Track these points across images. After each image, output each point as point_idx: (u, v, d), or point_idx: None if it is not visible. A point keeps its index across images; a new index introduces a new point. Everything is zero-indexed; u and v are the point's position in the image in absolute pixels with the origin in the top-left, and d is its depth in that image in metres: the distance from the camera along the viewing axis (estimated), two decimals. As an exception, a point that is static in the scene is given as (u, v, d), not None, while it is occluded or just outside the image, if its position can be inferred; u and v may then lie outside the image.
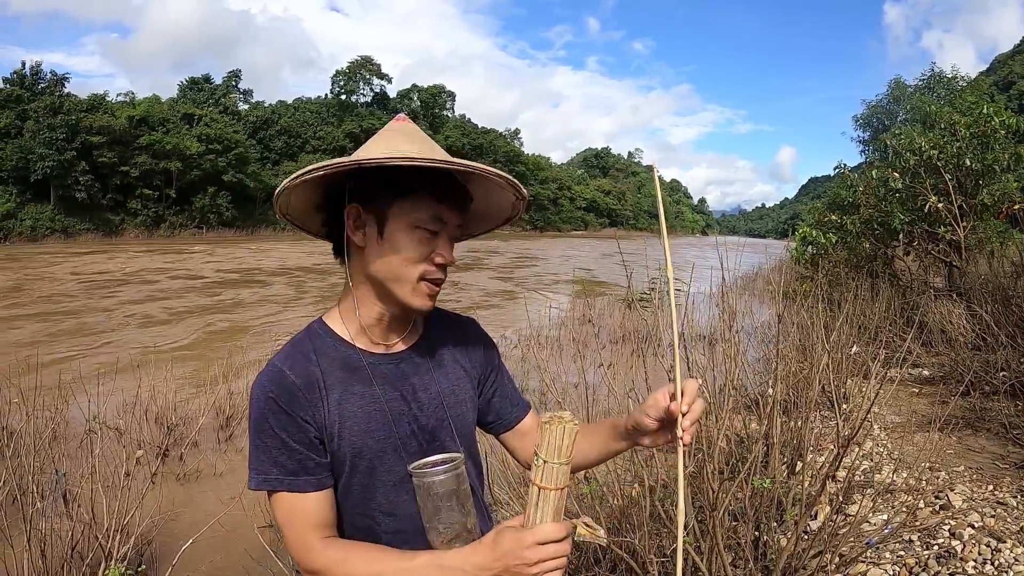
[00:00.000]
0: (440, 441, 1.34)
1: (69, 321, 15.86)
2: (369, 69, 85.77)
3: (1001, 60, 75.33)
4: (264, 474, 1.20)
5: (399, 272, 1.24)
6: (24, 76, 56.60)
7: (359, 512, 1.29)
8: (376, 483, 1.28)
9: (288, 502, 1.21)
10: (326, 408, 1.23)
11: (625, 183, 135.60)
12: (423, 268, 1.25)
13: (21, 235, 50.35)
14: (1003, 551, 3.42)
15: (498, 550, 1.09)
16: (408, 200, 1.22)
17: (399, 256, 1.23)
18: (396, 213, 1.23)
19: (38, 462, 4.18)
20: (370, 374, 1.29)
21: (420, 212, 1.22)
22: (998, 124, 9.79)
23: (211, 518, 4.53)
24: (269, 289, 24.12)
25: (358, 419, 1.25)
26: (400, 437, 1.29)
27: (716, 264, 4.65)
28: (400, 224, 1.23)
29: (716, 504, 2.68)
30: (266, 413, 1.20)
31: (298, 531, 1.21)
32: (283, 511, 1.22)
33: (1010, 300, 7.24)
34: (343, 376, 1.27)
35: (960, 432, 5.47)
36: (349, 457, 1.25)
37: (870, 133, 59.78)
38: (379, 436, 1.27)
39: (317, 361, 1.26)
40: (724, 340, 4.24)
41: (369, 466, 1.27)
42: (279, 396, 1.20)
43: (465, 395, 1.43)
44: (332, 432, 1.23)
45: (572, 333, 10.93)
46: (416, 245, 1.23)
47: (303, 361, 1.25)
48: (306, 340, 1.30)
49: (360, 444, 1.25)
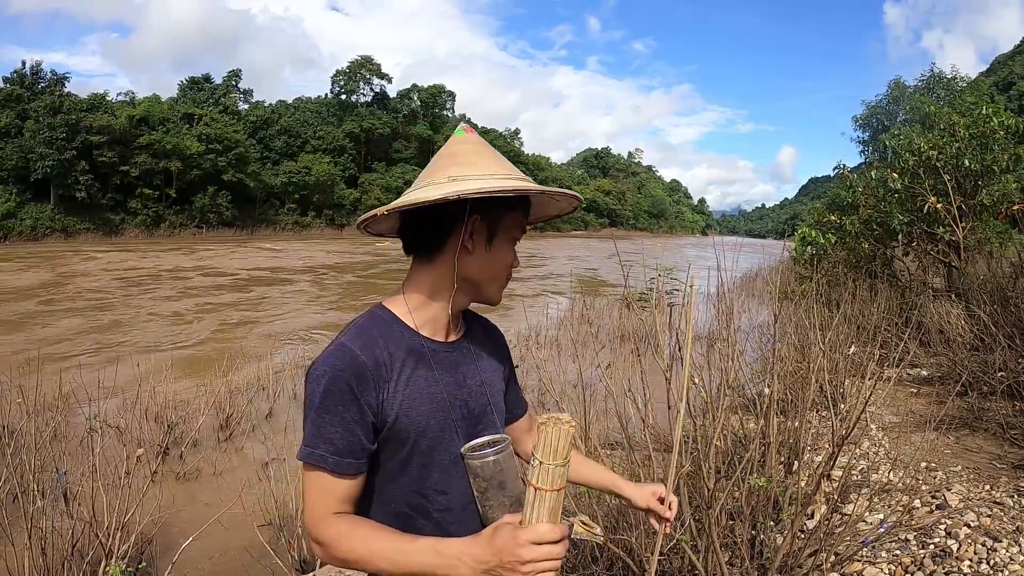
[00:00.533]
0: (484, 424, 1.44)
1: (106, 316, 16.18)
2: (369, 69, 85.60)
3: (1001, 61, 75.22)
4: (314, 448, 1.25)
5: (497, 274, 1.41)
6: (24, 75, 56.57)
7: (415, 490, 1.35)
8: (433, 462, 1.35)
9: (324, 478, 1.27)
10: (391, 390, 1.30)
11: (625, 183, 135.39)
12: (509, 271, 1.44)
13: (21, 234, 50.29)
14: (999, 550, 3.44)
15: (494, 545, 1.13)
16: (512, 215, 1.39)
17: (501, 262, 1.40)
18: (504, 226, 1.38)
19: (39, 461, 4.19)
20: (431, 361, 1.38)
21: (516, 226, 1.41)
22: (997, 125, 9.80)
23: (211, 517, 4.55)
24: (295, 286, 24.64)
25: (423, 400, 1.33)
26: (454, 420, 1.38)
27: (715, 264, 4.67)
28: (505, 235, 1.39)
29: (712, 502, 2.69)
30: (331, 390, 1.25)
31: (321, 505, 1.27)
32: (315, 484, 1.27)
33: (1008, 301, 7.24)
34: (409, 360, 1.35)
35: (958, 432, 5.49)
36: (413, 436, 1.32)
37: (870, 133, 59.71)
38: (439, 417, 1.35)
39: (384, 345, 1.33)
40: (722, 340, 4.26)
41: (429, 445, 1.34)
42: (348, 376, 1.26)
43: (499, 386, 1.56)
44: (395, 413, 1.30)
45: (571, 333, 10.96)
46: (511, 253, 1.42)
47: (371, 344, 1.31)
48: (372, 324, 1.36)
49: (424, 424, 1.33)
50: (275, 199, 70.44)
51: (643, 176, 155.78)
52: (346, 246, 51.04)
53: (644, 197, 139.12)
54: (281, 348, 11.66)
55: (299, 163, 71.56)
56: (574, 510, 3.11)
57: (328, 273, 30.56)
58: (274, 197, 70.20)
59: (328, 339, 1.51)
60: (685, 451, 3.15)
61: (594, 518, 2.52)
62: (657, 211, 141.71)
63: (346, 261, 37.57)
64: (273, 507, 4.89)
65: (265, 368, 9.06)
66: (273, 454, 6.10)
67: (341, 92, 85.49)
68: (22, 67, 56.96)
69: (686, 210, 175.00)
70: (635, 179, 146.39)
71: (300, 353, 10.58)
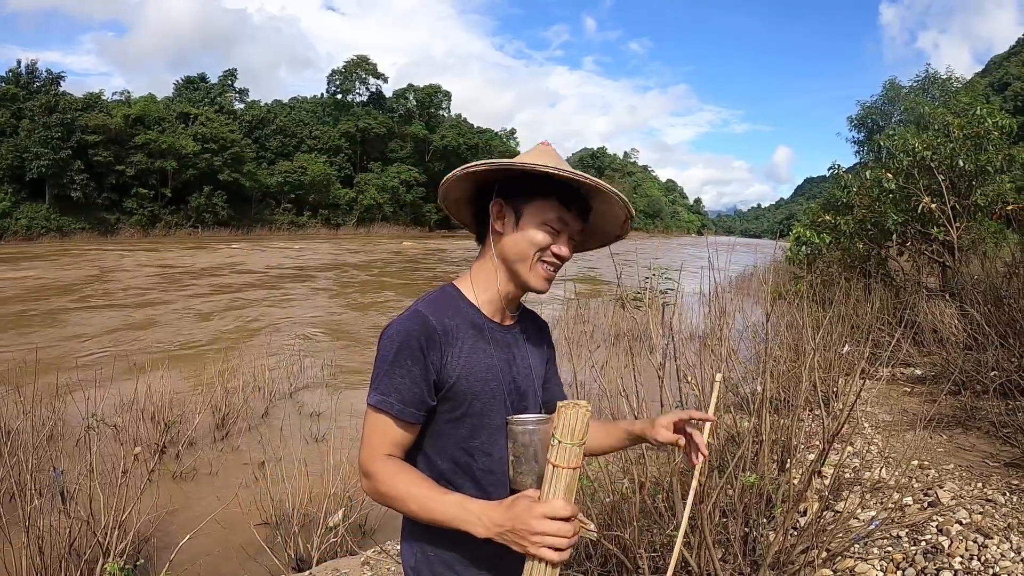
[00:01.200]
0: (527, 402, 1.60)
1: (139, 313, 16.44)
2: (365, 68, 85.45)
3: (997, 61, 75.25)
4: (385, 395, 1.41)
5: (524, 253, 1.52)
6: (20, 74, 56.43)
7: (463, 447, 1.50)
8: (483, 424, 1.51)
9: (387, 422, 1.43)
10: (454, 354, 1.47)
11: (621, 183, 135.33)
12: (542, 254, 1.53)
13: (16, 234, 50.13)
14: (990, 547, 3.46)
15: (511, 511, 1.27)
16: (541, 201, 1.51)
17: (527, 241, 1.51)
18: (531, 210, 1.51)
19: (36, 460, 4.21)
20: (489, 337, 1.55)
21: (548, 212, 1.51)
22: (991, 125, 9.84)
23: (207, 516, 4.57)
24: (316, 283, 25.27)
25: (480, 369, 1.50)
26: (505, 391, 1.54)
27: (709, 264, 4.69)
28: (533, 219, 1.51)
29: (705, 499, 2.72)
30: (404, 347, 1.42)
31: (378, 444, 1.43)
32: (378, 426, 1.44)
33: (1002, 301, 7.28)
34: (471, 332, 1.52)
35: (951, 431, 5.52)
36: (469, 398, 1.48)
37: (865, 134, 59.70)
38: (492, 386, 1.51)
39: (452, 315, 1.50)
40: (716, 338, 4.28)
41: (481, 409, 1.50)
42: (420, 336, 1.43)
43: (541, 372, 1.72)
44: (456, 375, 1.46)
45: (566, 332, 10.97)
46: (540, 234, 1.51)
47: (441, 312, 1.49)
48: (442, 298, 1.54)
49: (479, 389, 1.49)
50: (271, 199, 70.31)
51: (639, 176, 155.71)
52: (367, 244, 51.46)
53: (640, 197, 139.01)
54: (279, 348, 11.66)
55: (295, 163, 71.44)
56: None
57: (348, 271, 30.78)
58: (270, 197, 70.06)
59: (332, 338, 1.58)
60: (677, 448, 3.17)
61: (588, 515, 2.55)
62: (653, 211, 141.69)
63: (367, 259, 37.88)
64: (270, 506, 4.91)
65: (261, 368, 9.06)
66: (269, 453, 6.11)
67: (337, 92, 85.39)
68: (17, 66, 56.92)
69: (682, 210, 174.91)
70: (631, 179, 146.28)
71: (296, 352, 10.60)
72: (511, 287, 1.58)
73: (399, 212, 77.27)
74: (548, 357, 1.79)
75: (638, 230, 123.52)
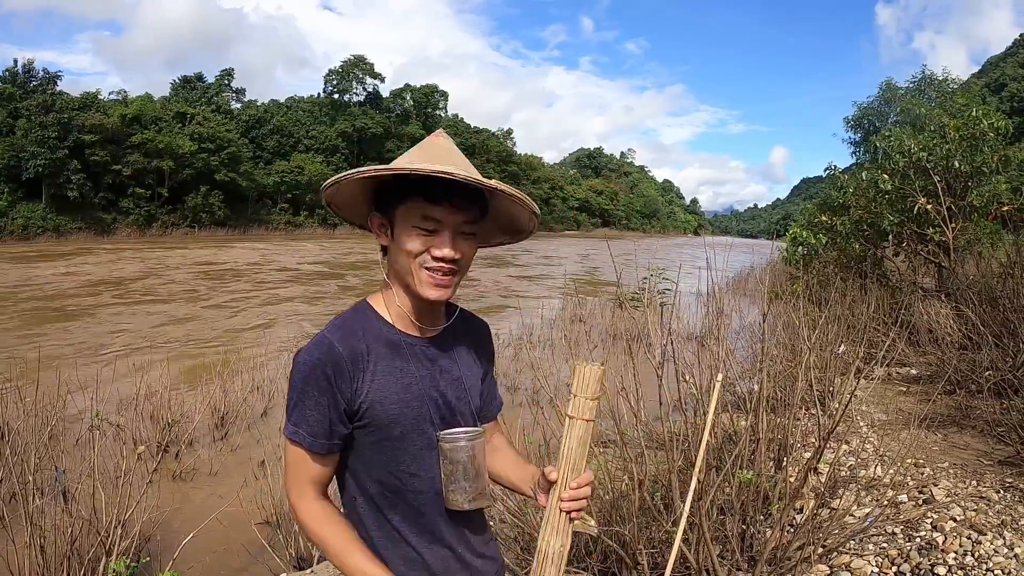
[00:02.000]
0: (458, 416, 1.53)
1: (180, 309, 16.68)
2: (362, 68, 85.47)
3: (993, 62, 75.45)
4: (296, 427, 1.39)
5: (405, 265, 1.43)
6: (16, 74, 56.31)
7: (389, 471, 1.46)
8: (406, 446, 1.46)
9: (301, 455, 1.41)
10: (365, 380, 1.41)
11: (618, 183, 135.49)
12: (421, 260, 1.41)
13: (12, 234, 50.01)
14: (983, 543, 3.51)
15: None
16: (405, 204, 1.40)
17: (403, 252, 1.42)
18: (400, 216, 1.42)
19: (37, 459, 4.23)
20: (408, 353, 1.48)
21: (414, 214, 1.39)
22: (987, 126, 9.88)
23: (208, 515, 4.59)
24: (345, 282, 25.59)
25: (396, 390, 1.44)
26: (429, 410, 1.48)
27: (706, 264, 4.73)
28: (403, 226, 1.42)
29: (703, 497, 2.75)
30: (311, 378, 1.38)
31: (299, 478, 1.43)
32: (295, 459, 1.42)
33: (997, 301, 7.33)
34: (385, 352, 1.45)
35: (946, 429, 5.57)
36: (386, 422, 1.43)
37: (861, 135, 59.76)
38: (413, 406, 1.45)
39: (363, 337, 1.44)
40: (714, 338, 4.32)
41: (402, 431, 1.45)
42: (325, 365, 1.38)
43: (476, 382, 1.63)
44: (369, 401, 1.41)
45: (564, 332, 11.02)
46: (413, 240, 1.40)
47: (351, 337, 1.42)
48: (354, 318, 1.48)
49: (397, 412, 1.43)
50: (267, 198, 70.24)
51: (636, 176, 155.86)
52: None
53: (637, 197, 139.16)
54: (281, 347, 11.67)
55: (292, 163, 71.43)
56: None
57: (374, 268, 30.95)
58: (266, 196, 70.00)
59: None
60: (676, 447, 3.22)
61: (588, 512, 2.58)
62: (650, 211, 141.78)
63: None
64: (270, 505, 4.93)
65: (261, 367, 9.08)
66: (269, 453, 6.13)
67: (334, 91, 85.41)
68: (14, 65, 56.80)
69: (678, 210, 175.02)
70: (628, 179, 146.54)
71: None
72: (412, 299, 1.48)
73: (396, 212, 77.27)
74: (484, 360, 1.69)
75: (635, 230, 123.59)
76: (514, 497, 3.51)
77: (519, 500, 3.48)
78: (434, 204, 1.38)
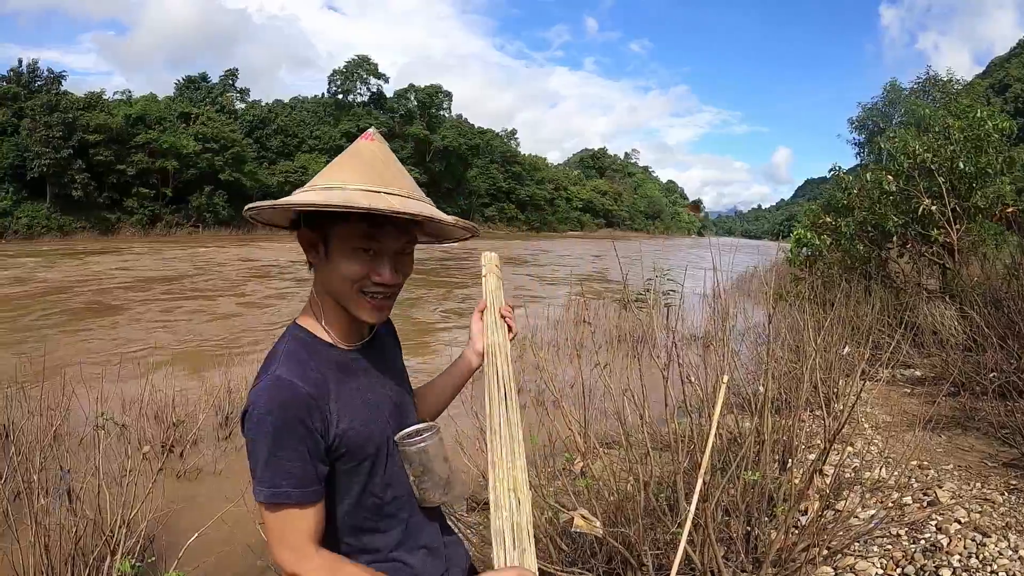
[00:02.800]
0: (407, 414, 1.52)
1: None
2: (366, 68, 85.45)
3: (997, 63, 75.28)
4: (275, 487, 1.25)
5: (340, 289, 1.36)
6: (21, 73, 56.36)
7: (368, 492, 1.41)
8: (378, 462, 1.41)
9: (291, 514, 1.27)
10: (332, 409, 1.32)
11: (621, 184, 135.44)
12: (361, 285, 1.35)
13: (17, 233, 50.07)
14: (988, 545, 3.51)
15: None
16: (344, 227, 1.31)
17: (339, 274, 1.34)
18: (336, 236, 1.33)
19: (42, 458, 4.24)
20: (355, 368, 1.43)
21: (353, 237, 1.31)
22: (991, 128, 9.88)
23: (213, 515, 4.59)
24: None
25: (359, 410, 1.37)
26: (387, 418, 1.45)
27: (710, 265, 4.73)
28: (340, 246, 1.33)
29: (708, 497, 2.75)
30: (283, 427, 1.25)
31: (296, 539, 1.27)
32: (284, 522, 1.27)
33: (1001, 303, 7.32)
34: (339, 375, 1.38)
35: (950, 431, 5.56)
36: (359, 445, 1.36)
37: (865, 136, 59.82)
38: (377, 420, 1.42)
39: (316, 367, 1.34)
40: (717, 339, 4.32)
41: (374, 449, 1.40)
42: (294, 407, 1.26)
43: (405, 372, 1.64)
44: (341, 429, 1.32)
45: (568, 333, 11.01)
46: (352, 265, 1.33)
47: (304, 369, 1.32)
48: (297, 349, 1.37)
49: (366, 433, 1.37)
50: (271, 199, 69.92)
51: (639, 177, 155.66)
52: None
53: (640, 198, 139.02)
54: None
55: (296, 163, 71.45)
56: (574, 504, 3.18)
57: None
58: (270, 197, 69.04)
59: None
60: (682, 448, 3.22)
61: (593, 513, 2.59)
62: (653, 212, 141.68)
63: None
64: (275, 504, 4.93)
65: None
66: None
67: (338, 92, 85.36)
68: (18, 65, 56.71)
69: (682, 211, 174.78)
70: (631, 180, 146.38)
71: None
72: (348, 318, 1.42)
73: (400, 212, 77.03)
74: (399, 347, 1.69)
75: (639, 231, 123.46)
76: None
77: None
78: (377, 227, 1.31)
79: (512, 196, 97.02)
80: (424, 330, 14.76)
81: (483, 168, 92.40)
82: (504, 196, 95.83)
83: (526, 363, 9.10)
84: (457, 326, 15.03)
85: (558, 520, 3.21)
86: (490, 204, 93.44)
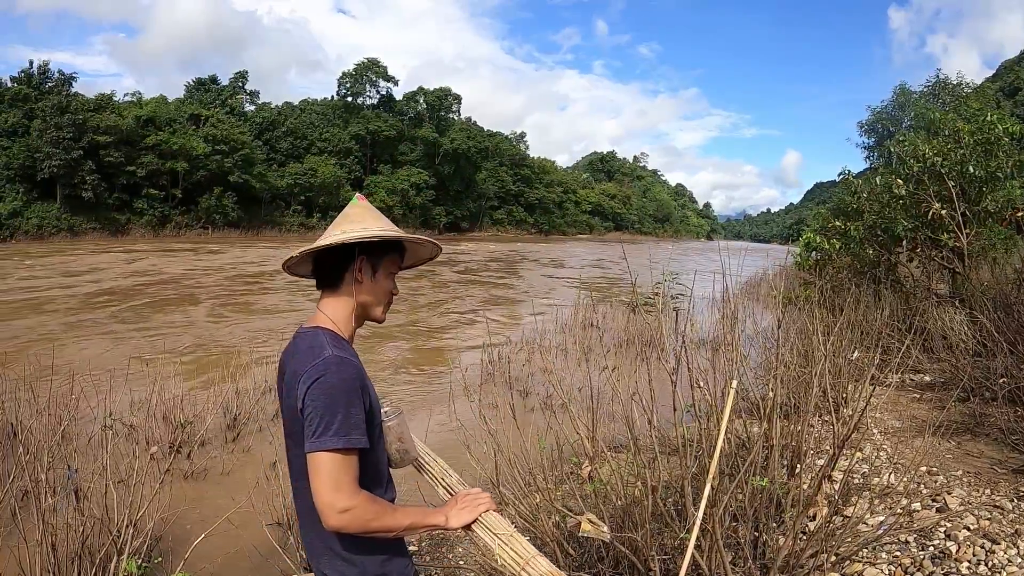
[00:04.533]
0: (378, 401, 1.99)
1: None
2: (376, 71, 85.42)
3: (1007, 66, 74.89)
4: (348, 434, 1.69)
5: (381, 299, 1.98)
6: (31, 75, 56.73)
7: (374, 451, 1.86)
8: (379, 431, 1.93)
9: (354, 459, 1.72)
10: (368, 385, 1.83)
11: (630, 187, 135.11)
12: (389, 297, 2.00)
13: (27, 233, 50.36)
14: (997, 552, 3.49)
15: (459, 499, 1.91)
16: (390, 257, 1.97)
17: (383, 290, 1.97)
18: (385, 264, 1.96)
19: (50, 458, 4.25)
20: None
21: (393, 264, 1.98)
22: (1002, 131, 9.84)
23: (220, 515, 4.61)
24: None
25: (374, 390, 1.89)
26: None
27: (719, 269, 4.71)
28: (384, 270, 1.96)
29: (715, 502, 2.74)
30: (352, 392, 1.73)
31: (350, 480, 1.70)
32: (348, 465, 1.71)
33: (1011, 307, 7.28)
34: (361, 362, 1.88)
35: (959, 437, 5.54)
36: (375, 414, 1.89)
37: (875, 139, 59.68)
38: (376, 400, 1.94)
39: (353, 353, 1.86)
40: (726, 343, 4.30)
41: (379, 420, 1.94)
42: (357, 378, 1.76)
43: None
44: (371, 399, 1.84)
45: (576, 336, 11.00)
46: (391, 283, 1.99)
47: (350, 353, 1.82)
48: (338, 341, 1.86)
49: (378, 406, 1.94)
50: (280, 200, 70.37)
51: (648, 180, 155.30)
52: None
53: (649, 201, 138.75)
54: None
55: (305, 165, 71.52)
56: (581, 509, 3.17)
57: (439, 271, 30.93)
58: (280, 198, 70.14)
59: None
60: (690, 453, 3.21)
61: (601, 517, 2.58)
62: (662, 215, 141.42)
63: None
64: (282, 506, 4.94)
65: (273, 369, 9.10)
66: (280, 454, 6.13)
67: (347, 94, 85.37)
68: (29, 67, 57.16)
69: (691, 214, 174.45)
70: (640, 183, 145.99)
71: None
72: (359, 321, 1.98)
73: (409, 215, 77.08)
74: None
75: (647, 234, 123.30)
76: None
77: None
78: (400, 259, 2.01)
79: (521, 199, 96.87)
80: (426, 332, 14.76)
81: (492, 171, 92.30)
82: (513, 199, 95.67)
83: (534, 367, 9.12)
84: (457, 326, 14.97)
85: (565, 524, 3.21)
86: (499, 207, 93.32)
